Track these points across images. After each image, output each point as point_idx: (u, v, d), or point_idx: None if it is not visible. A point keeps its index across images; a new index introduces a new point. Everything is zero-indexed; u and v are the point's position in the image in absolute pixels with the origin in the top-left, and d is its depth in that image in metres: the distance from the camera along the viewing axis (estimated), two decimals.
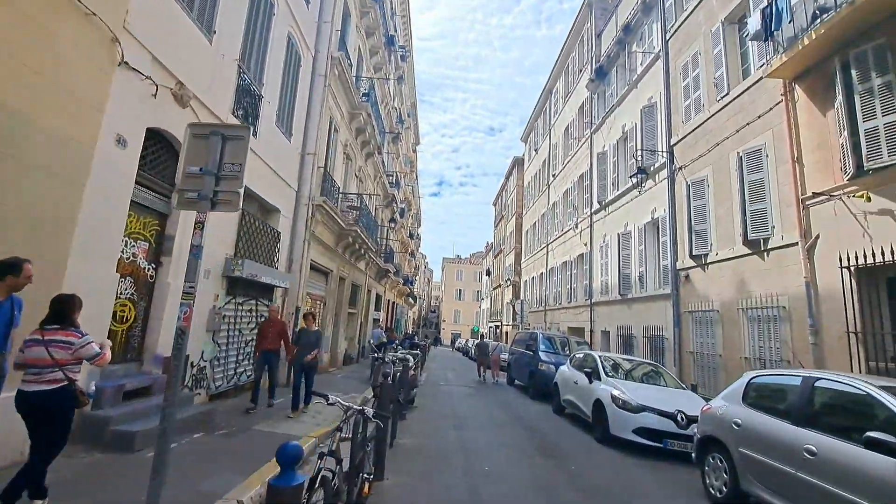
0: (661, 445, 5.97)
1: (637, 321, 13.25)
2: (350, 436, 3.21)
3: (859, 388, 3.23)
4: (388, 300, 29.15)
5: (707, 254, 10.05)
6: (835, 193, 6.71)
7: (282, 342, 7.31)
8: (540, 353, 12.10)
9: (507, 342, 27.65)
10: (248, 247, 8.07)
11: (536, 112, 29.61)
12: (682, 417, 6.08)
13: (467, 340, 40.89)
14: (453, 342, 54.96)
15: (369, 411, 3.22)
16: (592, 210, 17.58)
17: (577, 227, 19.60)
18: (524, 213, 33.45)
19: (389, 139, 23.30)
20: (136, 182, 5.36)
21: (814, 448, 3.27)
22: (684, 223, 11.01)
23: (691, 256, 10.61)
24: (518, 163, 36.44)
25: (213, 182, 3.11)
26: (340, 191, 13.16)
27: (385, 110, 20.99)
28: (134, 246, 5.60)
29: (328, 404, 3.07)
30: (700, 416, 4.91)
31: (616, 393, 6.64)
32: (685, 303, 10.86)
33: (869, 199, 6.12)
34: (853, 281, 6.33)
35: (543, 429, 7.63)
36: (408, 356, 9.30)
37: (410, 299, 46.88)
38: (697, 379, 10.01)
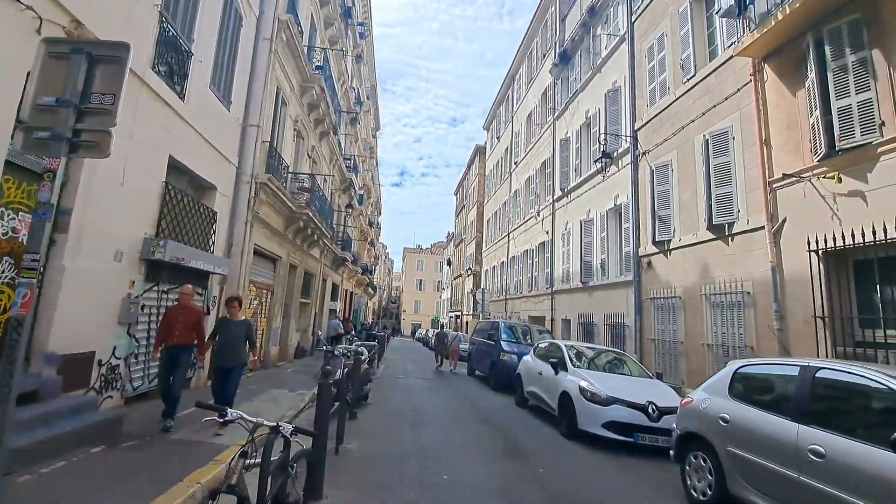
0: (633, 440, 5.61)
1: (598, 309, 13.11)
2: (265, 461, 2.46)
3: (876, 381, 2.83)
4: (346, 290, 28.06)
5: (670, 240, 9.89)
6: (804, 175, 6.54)
7: (196, 337, 5.57)
8: (502, 342, 11.68)
9: (467, 332, 27.34)
10: (174, 226, 7.02)
11: (499, 99, 29.16)
12: (653, 409, 5.74)
13: (427, 330, 40.40)
14: (414, 332, 54.38)
15: (287, 428, 2.50)
16: (554, 197, 17.34)
17: (538, 214, 19.35)
18: (485, 202, 33.15)
19: (347, 120, 22.13)
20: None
21: (821, 449, 2.86)
22: (647, 209, 10.83)
23: (654, 242, 10.45)
24: (480, 151, 36.01)
25: (72, 117, 2.26)
26: (290, 170, 12.09)
27: (342, 89, 19.79)
28: (14, 219, 4.54)
29: (221, 422, 2.33)
30: (679, 411, 4.52)
31: (584, 384, 6.22)
32: (647, 290, 10.72)
33: (840, 180, 5.95)
34: (821, 265, 6.18)
35: (506, 424, 7.15)
36: (361, 348, 8.56)
37: (370, 289, 45.75)
38: (658, 366, 9.90)
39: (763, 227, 7.25)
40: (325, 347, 7.43)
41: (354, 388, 6.75)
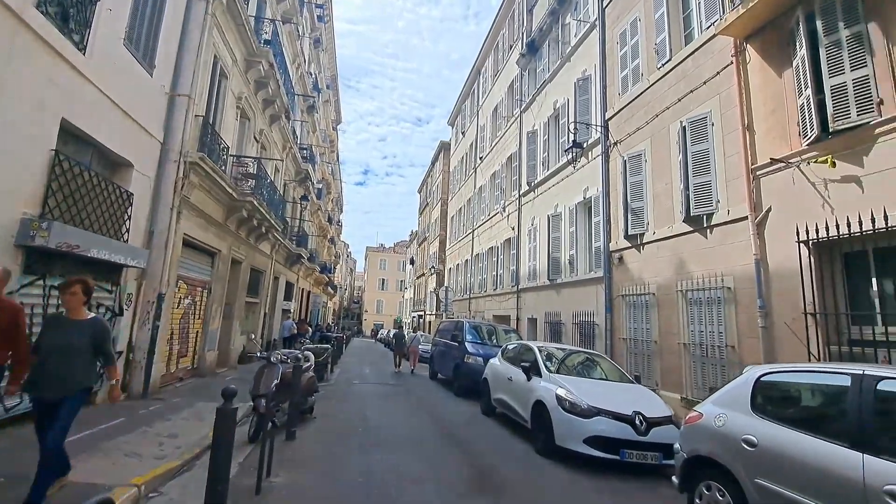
0: (619, 458, 4.88)
1: (566, 307, 12.54)
2: None
3: None
4: (302, 289, 26.48)
5: (643, 233, 9.38)
6: (792, 160, 6.07)
7: (12, 350, 3.32)
8: (466, 343, 10.86)
9: (430, 332, 26.43)
10: (69, 207, 5.71)
11: (464, 94, 28.44)
12: (640, 421, 5.03)
13: (389, 331, 39.19)
14: (375, 333, 52.88)
15: None
16: (521, 192, 16.74)
17: (504, 210, 18.73)
18: (450, 199, 32.41)
19: (303, 107, 20.71)
20: None
21: None
22: (619, 201, 10.31)
23: (626, 237, 9.93)
24: (444, 147, 35.24)
25: None
26: (230, 152, 10.75)
27: (297, 72, 18.42)
28: None
29: None
30: (684, 429, 3.76)
31: (561, 392, 5.44)
32: (618, 286, 10.20)
33: (833, 165, 5.48)
34: (811, 256, 5.70)
35: (473, 441, 6.25)
36: (305, 353, 7.48)
37: (330, 289, 43.94)
38: (630, 367, 9.37)
39: (745, 218, 6.77)
40: (258, 354, 6.30)
41: (293, 402, 5.70)
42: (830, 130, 5.51)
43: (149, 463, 4.50)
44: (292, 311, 22.87)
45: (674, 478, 3.66)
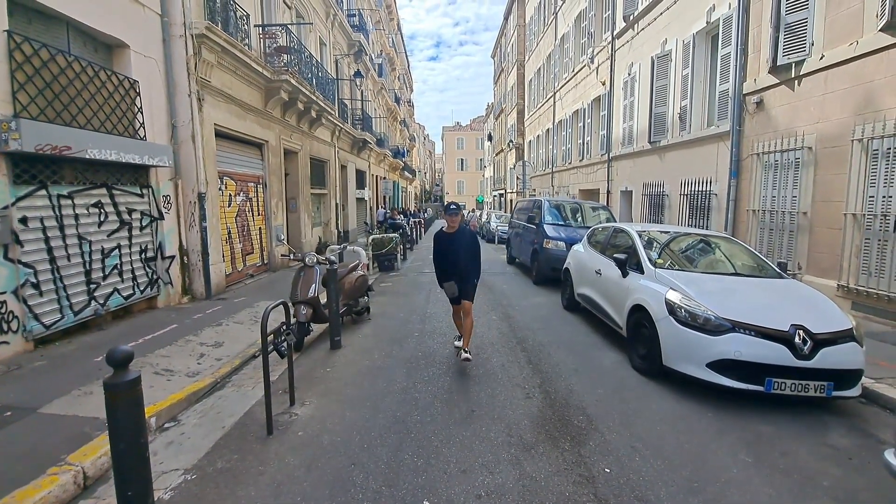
0: (762, 389, 3.42)
1: (672, 175, 10.17)
2: None
3: None
4: (375, 176, 25.95)
5: (802, 60, 6.50)
6: None
7: None
8: (545, 226, 9.33)
9: (510, 212, 25.11)
10: (51, 101, 4.81)
11: None
12: (802, 339, 3.41)
13: (472, 210, 38.69)
14: None
15: None
16: (615, 33, 13.19)
17: (592, 61, 15.28)
18: (526, 59, 28.17)
19: None
20: None
21: None
22: (765, 16, 7.17)
23: (773, 69, 7.04)
24: None
25: None
26: (251, 21, 9.11)
27: None
28: None
29: None
30: None
31: (674, 297, 3.88)
32: (751, 142, 7.64)
33: None
34: None
35: (550, 349, 4.99)
36: (355, 249, 6.60)
37: (407, 173, 43.38)
38: (760, 247, 7.31)
39: None
40: (290, 256, 5.45)
41: (332, 311, 4.90)
42: None
43: (177, 383, 4.05)
44: (367, 199, 22.65)
45: (890, 456, 2.16)
